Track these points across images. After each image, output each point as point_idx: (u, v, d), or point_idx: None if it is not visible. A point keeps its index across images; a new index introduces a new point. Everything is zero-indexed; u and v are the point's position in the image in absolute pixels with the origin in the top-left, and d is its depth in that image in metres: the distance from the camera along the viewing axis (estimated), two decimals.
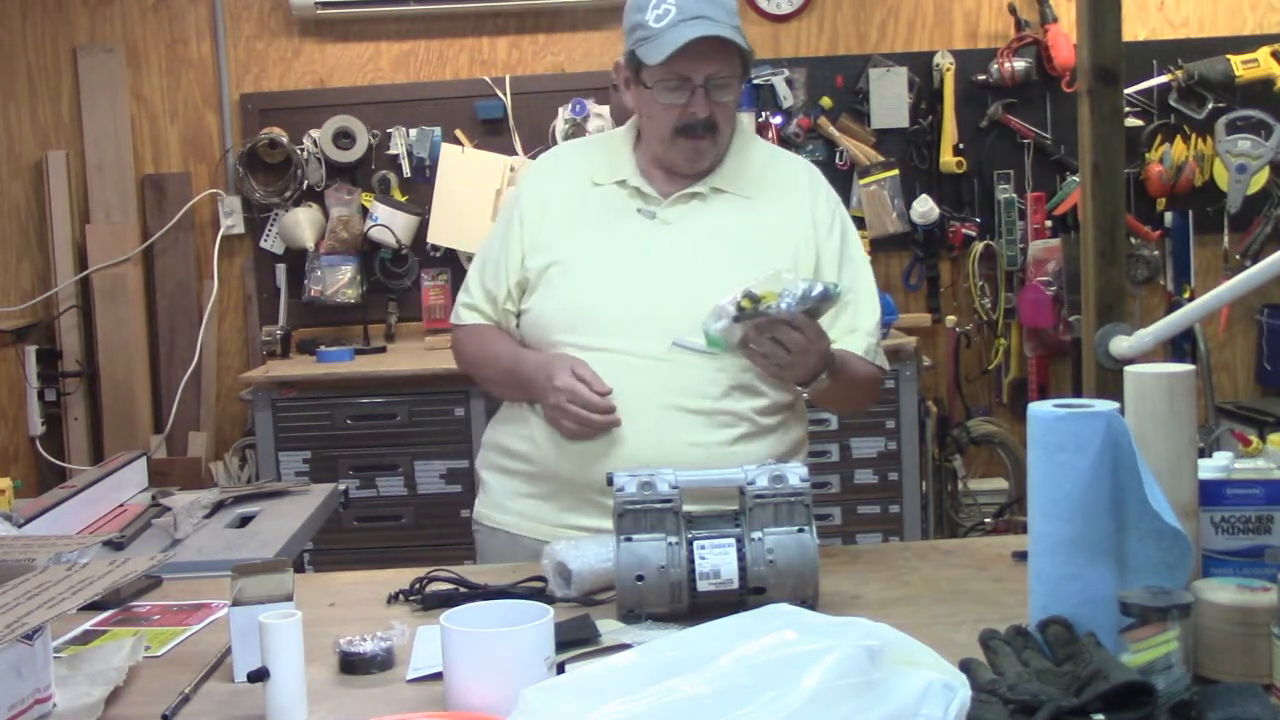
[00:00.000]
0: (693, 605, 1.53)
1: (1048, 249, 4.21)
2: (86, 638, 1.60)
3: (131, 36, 4.28)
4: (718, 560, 1.52)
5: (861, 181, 4.22)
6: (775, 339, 1.72)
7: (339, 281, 4.16)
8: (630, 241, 1.96)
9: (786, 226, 1.96)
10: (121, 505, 2.42)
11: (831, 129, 4.24)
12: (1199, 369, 3.58)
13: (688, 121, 1.90)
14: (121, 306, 4.21)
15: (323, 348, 3.99)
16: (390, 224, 4.11)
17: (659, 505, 1.55)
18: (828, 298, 1.72)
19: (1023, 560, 1.58)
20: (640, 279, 1.92)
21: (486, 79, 4.25)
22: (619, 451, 1.86)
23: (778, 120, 4.23)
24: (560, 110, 4.16)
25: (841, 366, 1.87)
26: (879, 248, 4.27)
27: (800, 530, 1.54)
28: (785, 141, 4.23)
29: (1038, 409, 1.30)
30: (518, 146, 4.20)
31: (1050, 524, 1.29)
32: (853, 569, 1.75)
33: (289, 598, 1.40)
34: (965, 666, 1.14)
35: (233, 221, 4.24)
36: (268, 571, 1.44)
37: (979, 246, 4.26)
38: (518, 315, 2.03)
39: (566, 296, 1.94)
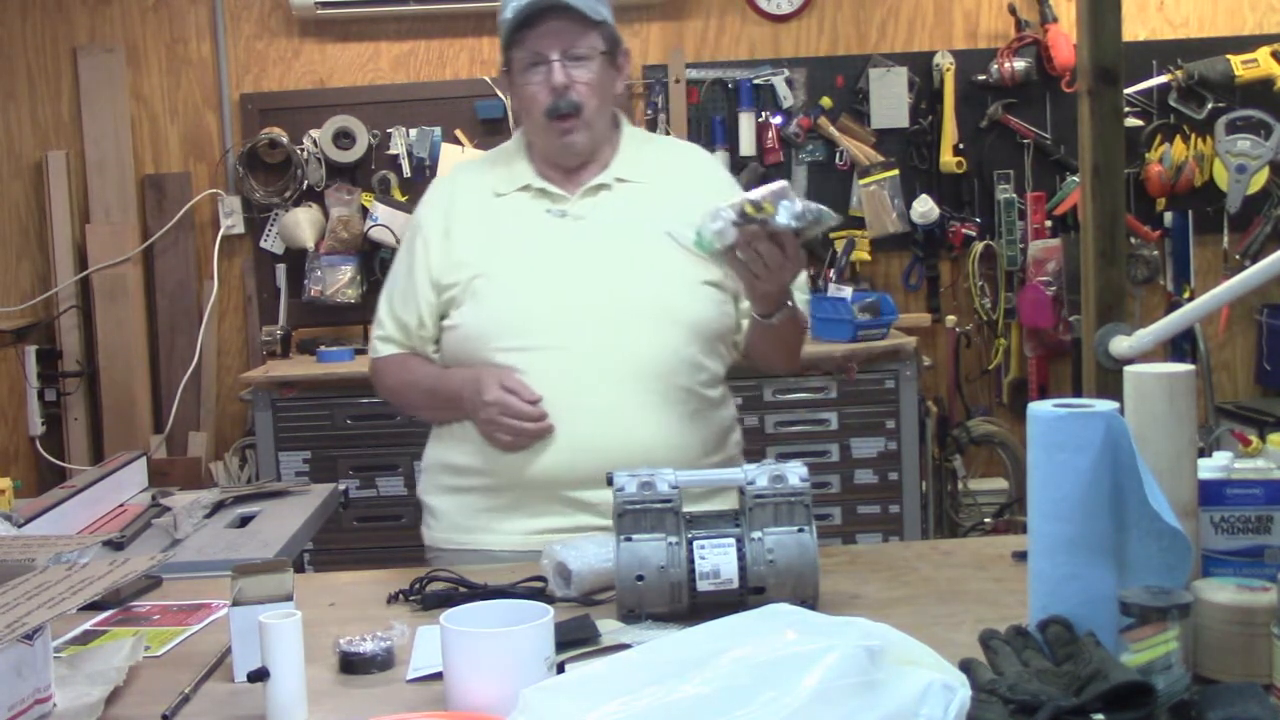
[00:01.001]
0: (693, 605, 1.53)
1: (1048, 249, 4.21)
2: (86, 638, 1.60)
3: (131, 36, 4.28)
4: (718, 560, 1.52)
5: (861, 181, 4.22)
6: (758, 250, 1.74)
7: (339, 281, 4.16)
8: (547, 242, 1.98)
9: (696, 208, 1.97)
10: (121, 505, 2.42)
11: (831, 129, 4.24)
12: (1199, 369, 3.58)
13: (553, 103, 1.93)
14: (121, 306, 4.21)
15: (323, 348, 3.99)
16: (390, 224, 4.10)
17: (659, 505, 1.55)
18: (819, 221, 1.73)
19: (1023, 560, 1.58)
20: (565, 275, 1.94)
21: (486, 79, 4.24)
22: (581, 443, 1.88)
23: (778, 120, 4.23)
24: None
25: (792, 307, 1.92)
26: (879, 248, 4.28)
27: (800, 530, 1.54)
28: (785, 141, 4.23)
29: (1038, 409, 1.30)
30: None
31: (1050, 524, 1.29)
32: (853, 569, 1.75)
33: (289, 598, 1.40)
34: (965, 666, 1.14)
35: (233, 221, 4.24)
36: (268, 571, 1.44)
37: (979, 246, 4.26)
38: (436, 341, 2.04)
39: (496, 305, 1.95)
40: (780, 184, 1.75)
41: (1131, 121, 4.10)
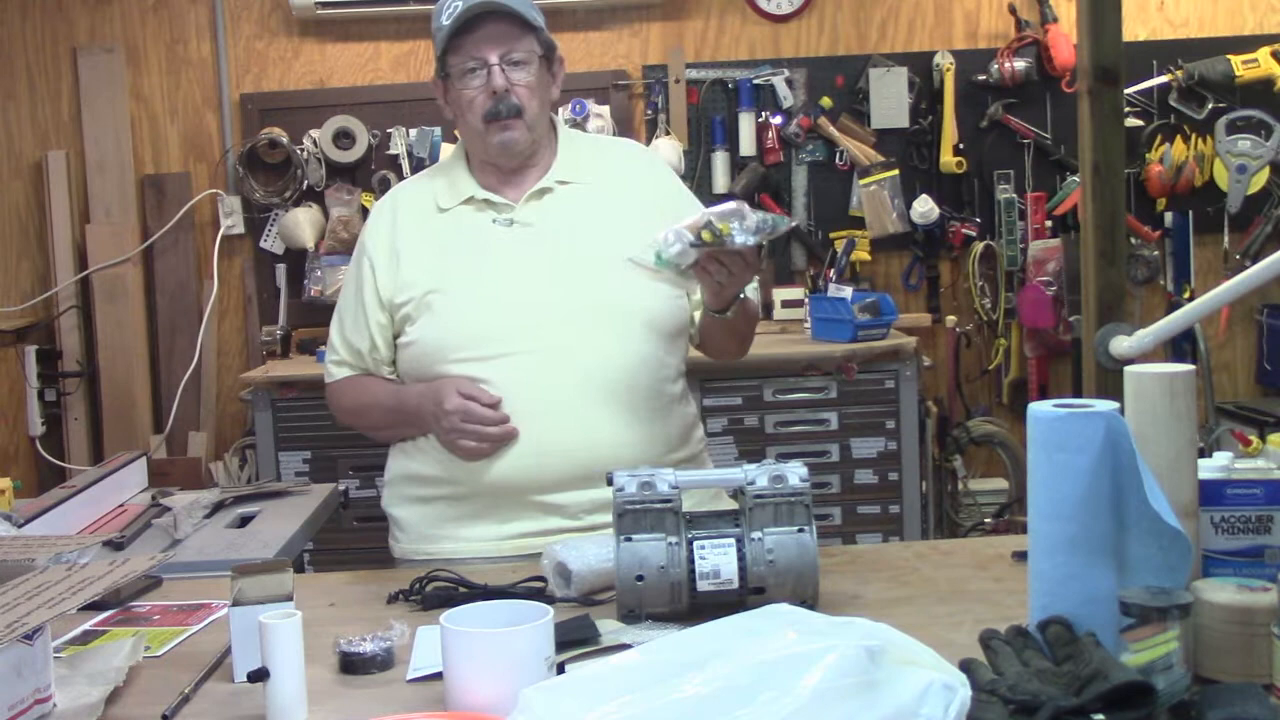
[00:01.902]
0: (693, 605, 1.53)
1: (1048, 249, 4.21)
2: (86, 638, 1.60)
3: (131, 36, 4.27)
4: (718, 560, 1.52)
5: (861, 181, 4.22)
6: (721, 262, 1.78)
7: (339, 282, 4.15)
8: (497, 251, 1.98)
9: (641, 204, 2.00)
10: (121, 505, 2.42)
11: (831, 129, 4.24)
12: (1199, 369, 3.58)
13: (493, 105, 1.94)
14: (121, 306, 4.20)
15: (323, 348, 3.96)
16: None
17: (659, 505, 1.55)
18: (774, 230, 1.76)
19: (1023, 560, 1.58)
20: (518, 282, 1.94)
21: None
22: (546, 447, 1.88)
23: (778, 120, 4.23)
24: (560, 110, 4.16)
25: (744, 299, 1.97)
26: (879, 248, 4.28)
27: (800, 530, 1.54)
28: (785, 141, 4.23)
29: (1038, 409, 1.30)
30: None
31: (1050, 524, 1.29)
32: (853, 569, 1.75)
33: (289, 598, 1.40)
34: (965, 666, 1.14)
35: (233, 222, 4.24)
36: (268, 571, 1.44)
37: (979, 246, 4.25)
38: (392, 362, 2.04)
39: (451, 318, 1.94)
40: (733, 204, 1.77)
41: (1131, 121, 4.10)
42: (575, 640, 1.43)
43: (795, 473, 1.57)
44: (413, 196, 2.09)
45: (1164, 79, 4.20)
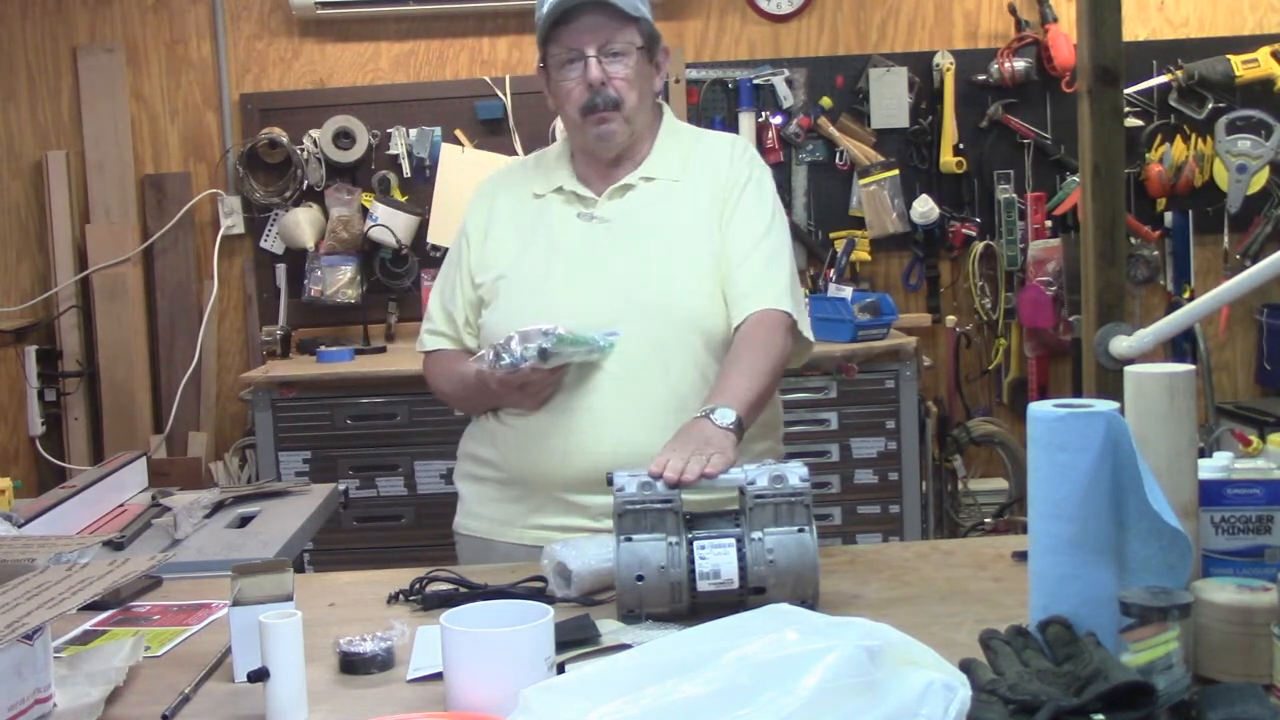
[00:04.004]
0: (693, 605, 1.53)
1: (1048, 249, 4.21)
2: (86, 638, 1.60)
3: (131, 36, 4.28)
4: (718, 560, 1.52)
5: (861, 181, 4.22)
6: (675, 452, 1.65)
7: (339, 281, 4.16)
8: (570, 244, 1.98)
9: (709, 201, 1.98)
10: (121, 505, 2.42)
11: (831, 129, 4.24)
12: (1199, 369, 3.58)
13: (590, 99, 1.92)
14: (121, 306, 4.20)
15: (323, 348, 3.99)
16: (390, 224, 4.11)
17: (659, 505, 1.55)
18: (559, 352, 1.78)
19: (1023, 560, 1.58)
20: (580, 279, 1.94)
21: (486, 79, 4.25)
22: (575, 445, 1.88)
23: (778, 120, 4.23)
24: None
25: (749, 393, 1.80)
26: (879, 248, 4.28)
27: (800, 530, 1.54)
28: (785, 141, 4.23)
29: (1038, 409, 1.30)
30: (518, 146, 4.20)
31: (1050, 524, 1.29)
32: (853, 569, 1.75)
33: (289, 598, 1.40)
34: (965, 666, 1.14)
35: (233, 221, 4.24)
36: (268, 571, 1.44)
37: (979, 246, 4.26)
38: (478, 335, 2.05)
39: (513, 307, 1.95)
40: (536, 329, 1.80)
41: (1131, 121, 4.10)
42: (575, 640, 1.43)
43: (795, 473, 1.57)
44: (515, 179, 2.11)
45: (1164, 79, 4.20)
